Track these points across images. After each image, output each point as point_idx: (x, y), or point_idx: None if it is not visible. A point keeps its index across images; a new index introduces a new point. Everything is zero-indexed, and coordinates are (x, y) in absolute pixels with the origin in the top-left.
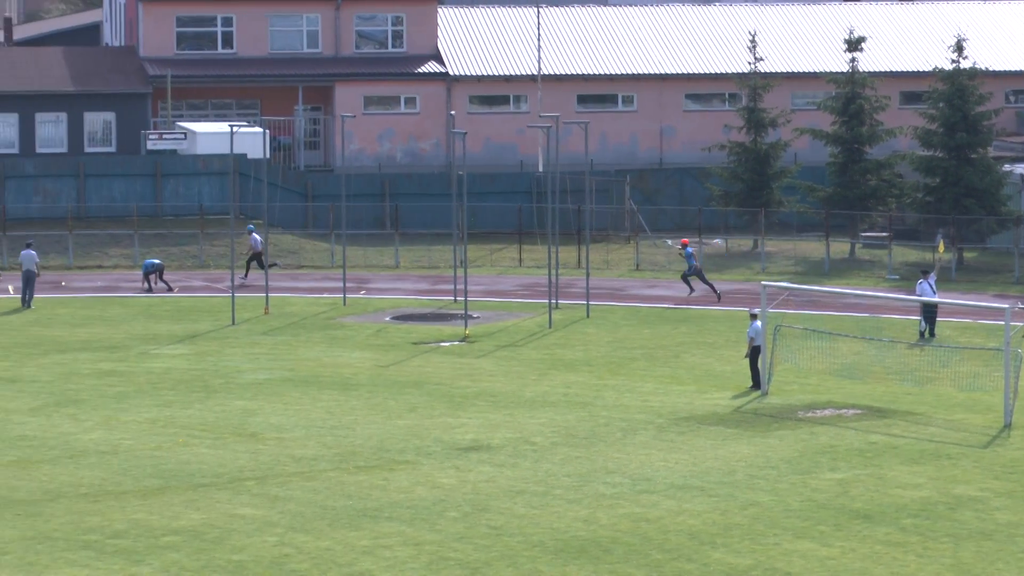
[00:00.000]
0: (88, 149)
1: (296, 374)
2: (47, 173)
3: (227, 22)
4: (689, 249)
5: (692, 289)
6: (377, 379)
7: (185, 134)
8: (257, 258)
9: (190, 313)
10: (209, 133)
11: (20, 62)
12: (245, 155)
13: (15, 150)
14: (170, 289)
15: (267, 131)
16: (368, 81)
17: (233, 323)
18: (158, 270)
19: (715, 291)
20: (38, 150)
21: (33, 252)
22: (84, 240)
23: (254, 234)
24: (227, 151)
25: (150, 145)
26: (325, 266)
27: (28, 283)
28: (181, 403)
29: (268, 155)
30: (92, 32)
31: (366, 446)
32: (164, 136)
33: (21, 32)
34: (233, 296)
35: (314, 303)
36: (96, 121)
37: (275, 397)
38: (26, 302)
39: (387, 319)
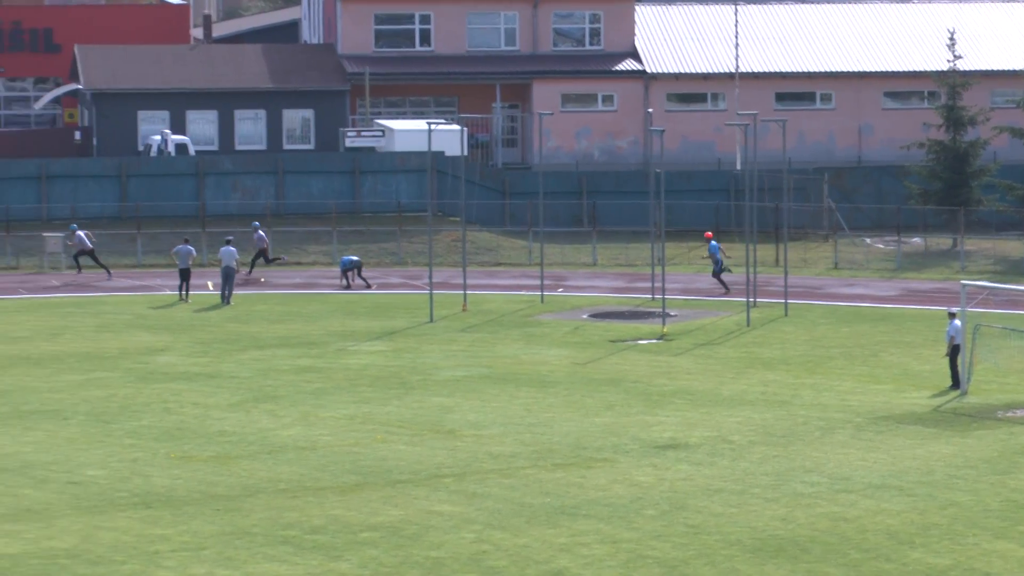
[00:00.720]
0: (287, 146)
1: (493, 371)
2: (246, 170)
3: (425, 19)
4: (714, 243)
5: (727, 288)
6: (574, 376)
7: (383, 131)
8: (263, 253)
9: (388, 310)
10: (407, 130)
11: (219, 60)
12: (443, 152)
13: (214, 147)
14: (368, 286)
15: (465, 128)
16: (566, 79)
17: (431, 320)
18: (356, 267)
19: (726, 287)
20: (237, 147)
21: (233, 249)
22: (282, 237)
23: (260, 231)
24: (425, 148)
25: (348, 142)
26: (522, 263)
27: (227, 279)
28: (379, 400)
29: (466, 152)
30: (291, 29)
31: (563, 443)
32: (362, 133)
33: (220, 30)
34: (431, 293)
35: (511, 300)
36: (295, 118)
37: (472, 394)
38: (225, 298)
39: (584, 316)
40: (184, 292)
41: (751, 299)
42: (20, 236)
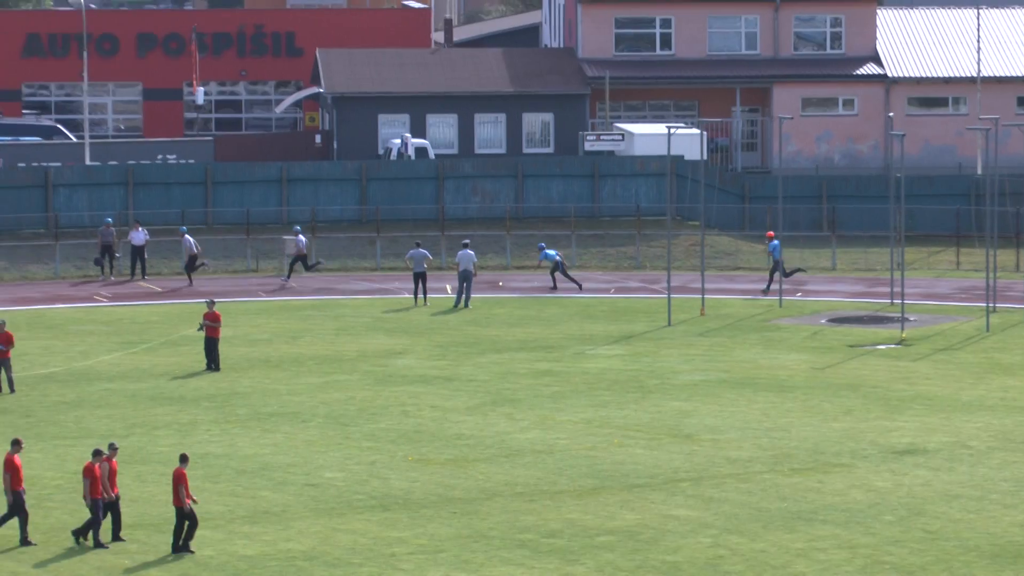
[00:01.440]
0: (526, 150)
1: (731, 375)
2: (485, 173)
3: (665, 23)
4: (775, 243)
5: (776, 280)
6: (813, 381)
7: (623, 135)
8: (302, 259)
9: (626, 314)
10: (647, 134)
11: (460, 63)
12: (682, 156)
13: (454, 150)
14: (579, 287)
15: (704, 132)
16: (806, 82)
17: (669, 324)
18: (560, 266)
19: (769, 285)
20: (477, 151)
21: (471, 252)
22: (521, 240)
23: (300, 236)
24: (664, 152)
25: (588, 146)
26: (761, 268)
27: (466, 283)
28: (616, 403)
29: (705, 157)
30: (531, 33)
31: (801, 448)
32: (602, 137)
33: (461, 33)
34: (670, 297)
35: (750, 305)
36: (534, 122)
37: (710, 398)
38: (464, 302)
39: (823, 321)
40: (423, 295)
41: (991, 304)
42: (260, 239)
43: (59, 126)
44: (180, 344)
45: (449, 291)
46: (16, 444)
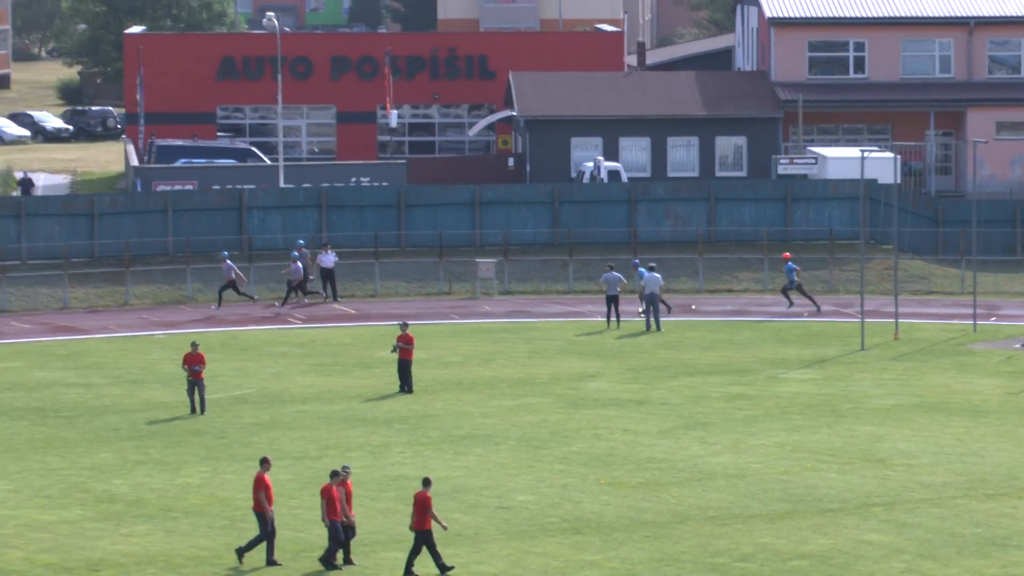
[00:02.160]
0: (719, 173)
1: (924, 400)
2: (678, 197)
3: (859, 47)
4: (791, 264)
5: (791, 302)
6: (1007, 406)
7: (816, 159)
8: (301, 286)
9: (818, 337)
10: (840, 158)
11: (652, 86)
12: (875, 180)
13: (647, 174)
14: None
15: (898, 156)
16: (1000, 106)
17: (862, 348)
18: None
19: (815, 303)
20: (669, 174)
21: (658, 275)
22: (714, 264)
23: (298, 262)
24: (857, 176)
25: (780, 169)
26: (955, 292)
27: (652, 305)
28: (809, 428)
29: (899, 180)
30: (724, 56)
31: (995, 473)
32: (795, 161)
33: (654, 57)
34: (863, 321)
35: (943, 329)
36: (727, 145)
37: (903, 423)
38: (655, 325)
39: (1018, 346)
40: (615, 318)
41: None
42: (453, 261)
43: (253, 149)
44: (373, 366)
45: (639, 314)
46: (265, 463)
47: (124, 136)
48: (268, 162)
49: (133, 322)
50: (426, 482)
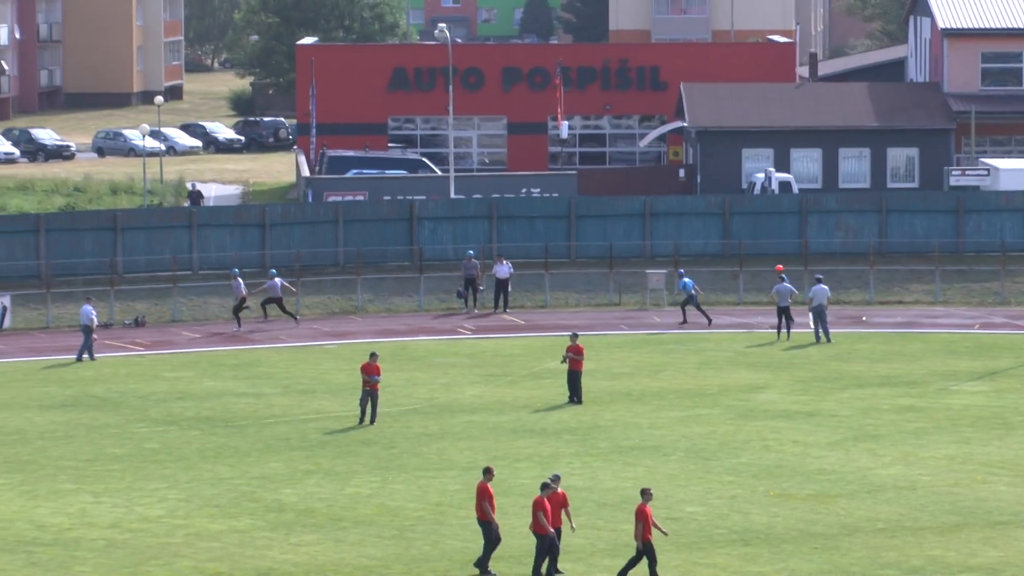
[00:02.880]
0: (890, 184)
1: None
2: (848, 208)
3: None
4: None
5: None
6: None
7: (988, 170)
8: (278, 302)
9: (990, 350)
10: (1012, 170)
11: (824, 98)
12: None
13: (817, 185)
14: (709, 321)
15: None
16: None
17: None
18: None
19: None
20: (840, 185)
21: (825, 287)
22: (884, 275)
23: (276, 279)
24: None
25: (952, 181)
26: None
27: (820, 318)
28: (979, 440)
29: None
30: (896, 68)
31: None
32: (967, 172)
33: (826, 68)
34: None
35: None
36: (899, 157)
37: None
38: (824, 336)
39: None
40: (786, 330)
41: None
42: (623, 272)
43: (424, 159)
44: (543, 377)
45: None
46: (488, 472)
47: (295, 147)
48: (439, 173)
49: (303, 332)
50: (645, 493)
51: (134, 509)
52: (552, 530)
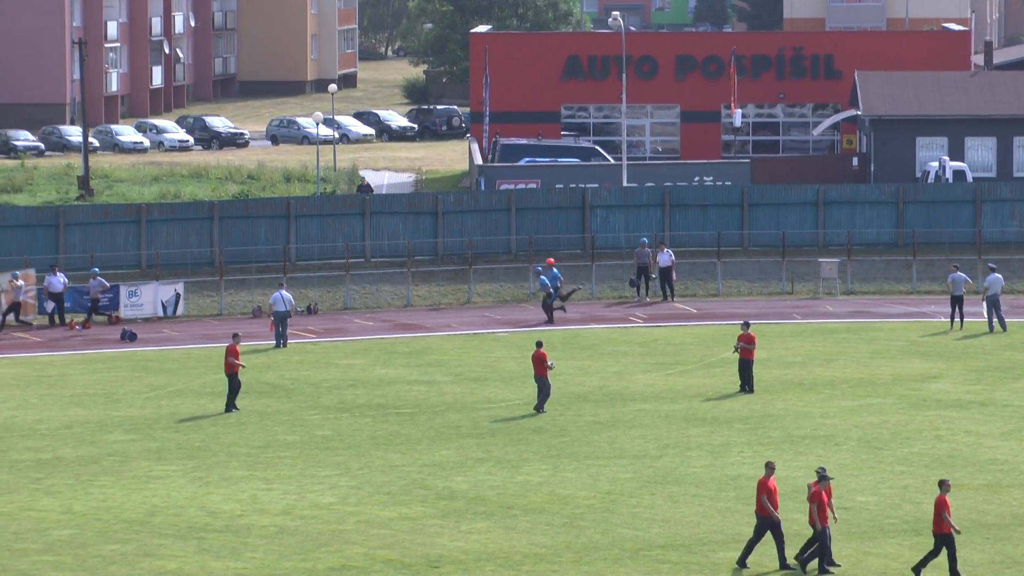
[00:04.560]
0: None
1: None
2: (1023, 197)
3: None
4: (555, 272)
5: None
6: None
7: None
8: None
9: None
10: None
11: (1000, 86)
12: None
13: (992, 173)
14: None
15: None
16: None
17: None
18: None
19: (551, 318)
20: (1015, 174)
21: (999, 276)
22: None
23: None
24: None
25: None
26: None
27: (995, 306)
28: None
29: None
30: None
31: None
32: None
33: (1001, 56)
34: None
35: None
36: None
37: None
38: (1000, 326)
39: None
40: (959, 319)
41: None
42: (796, 261)
43: (597, 148)
44: (714, 366)
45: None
46: (769, 467)
47: (468, 135)
48: (612, 161)
49: (475, 320)
50: (943, 484)
51: (305, 496)
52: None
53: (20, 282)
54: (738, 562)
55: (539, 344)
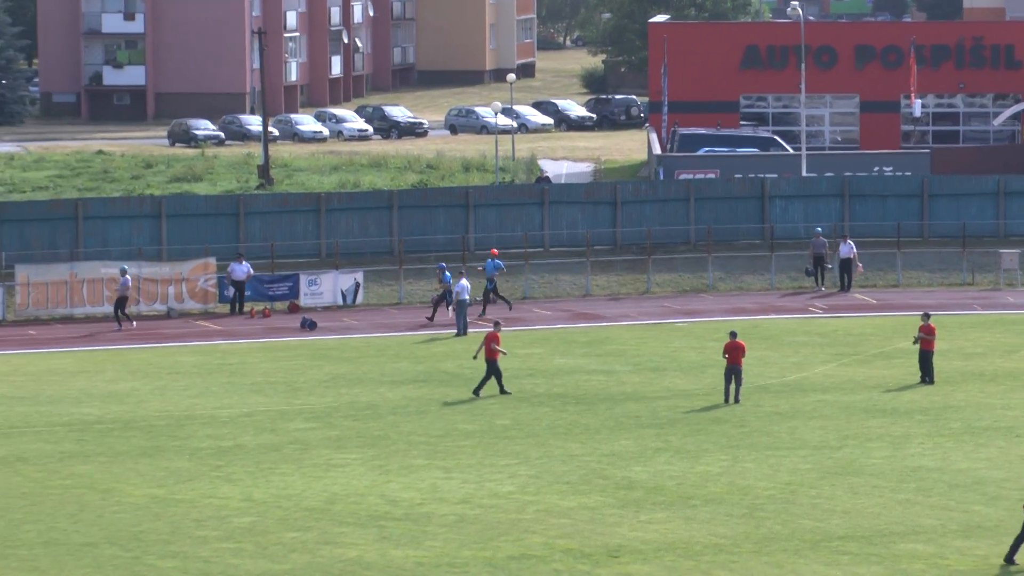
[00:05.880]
0: None
1: None
2: None
3: None
4: (496, 262)
5: (484, 311)
6: None
7: None
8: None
9: None
10: None
11: None
12: None
13: None
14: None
15: None
16: None
17: None
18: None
19: (484, 310)
20: None
21: None
22: None
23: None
24: None
25: None
26: None
27: None
28: None
29: None
30: None
31: None
32: None
33: None
34: None
35: None
36: None
37: None
38: None
39: None
40: None
41: None
42: (976, 252)
43: (776, 138)
44: (894, 356)
45: None
46: None
47: (647, 125)
48: (790, 151)
49: (654, 310)
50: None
51: (484, 485)
52: None
53: (127, 276)
54: (1005, 559)
55: (733, 334)
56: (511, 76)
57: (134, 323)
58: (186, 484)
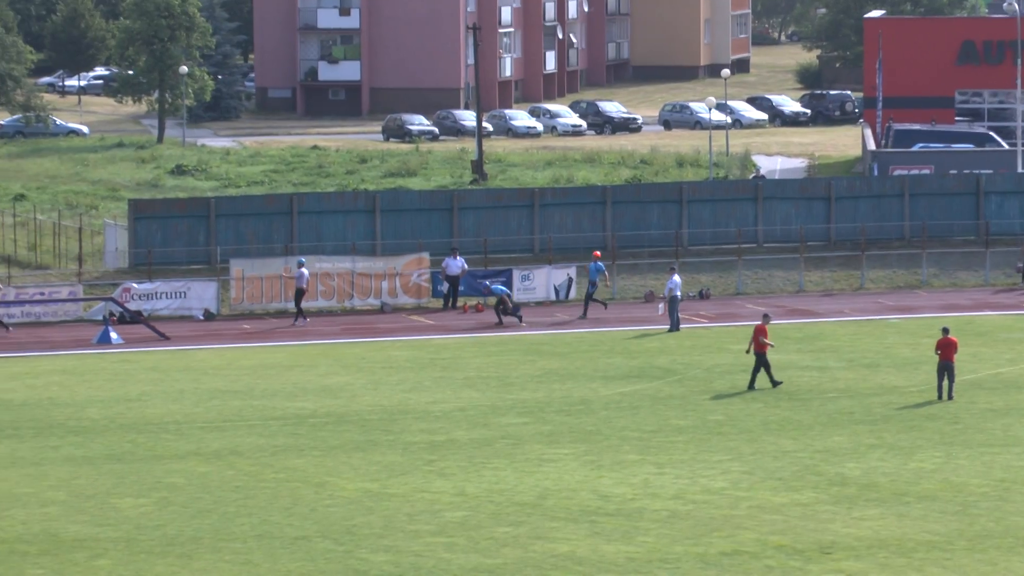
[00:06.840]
0: None
1: None
2: None
3: None
4: (599, 265)
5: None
6: None
7: None
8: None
9: None
10: None
11: None
12: None
13: None
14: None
15: None
16: None
17: None
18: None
19: (584, 312)
20: None
21: None
22: None
23: (303, 268)
24: None
25: None
26: None
27: None
28: None
29: None
30: None
31: None
32: None
33: None
34: None
35: None
36: None
37: None
38: None
39: None
40: None
41: None
42: None
43: (991, 133)
44: None
45: None
46: None
47: (861, 120)
48: (1006, 147)
49: (868, 306)
50: None
51: (697, 480)
52: None
53: (304, 270)
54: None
55: (945, 331)
56: (725, 71)
57: (307, 319)
58: (399, 478)
